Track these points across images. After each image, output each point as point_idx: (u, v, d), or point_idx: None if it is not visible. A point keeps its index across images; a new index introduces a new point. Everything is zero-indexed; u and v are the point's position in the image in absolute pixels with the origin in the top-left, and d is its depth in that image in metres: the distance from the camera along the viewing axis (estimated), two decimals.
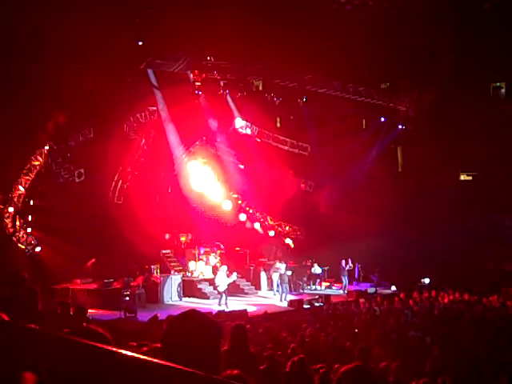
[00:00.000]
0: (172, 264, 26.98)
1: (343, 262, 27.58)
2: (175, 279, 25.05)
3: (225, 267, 24.06)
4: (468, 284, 24.29)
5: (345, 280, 27.64)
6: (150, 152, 27.60)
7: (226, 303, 22.60)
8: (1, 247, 24.05)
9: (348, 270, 27.83)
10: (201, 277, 22.89)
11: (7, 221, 25.26)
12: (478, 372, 9.68)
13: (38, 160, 25.86)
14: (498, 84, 29.17)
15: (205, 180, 28.95)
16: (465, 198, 27.01)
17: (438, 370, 9.23)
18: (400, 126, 29.08)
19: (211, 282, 25.64)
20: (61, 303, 10.53)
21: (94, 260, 25.97)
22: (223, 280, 23.15)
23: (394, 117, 29.07)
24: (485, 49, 25.42)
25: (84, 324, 8.01)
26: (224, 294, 22.90)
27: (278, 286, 25.77)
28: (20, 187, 25.55)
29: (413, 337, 14.31)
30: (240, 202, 30.57)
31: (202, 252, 27.88)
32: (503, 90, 29.17)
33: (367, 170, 28.97)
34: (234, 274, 23.70)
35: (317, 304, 23.65)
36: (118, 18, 21.48)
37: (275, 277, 25.90)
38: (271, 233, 31.28)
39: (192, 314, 2.47)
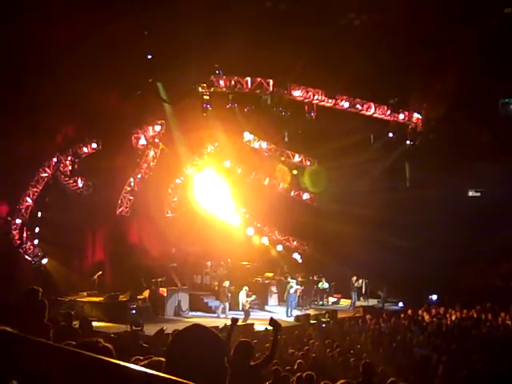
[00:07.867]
0: (179, 277, 26.91)
1: (354, 278, 27.61)
2: (182, 293, 24.99)
3: (230, 284, 24.14)
4: (476, 301, 24.13)
5: (354, 297, 27.67)
6: (159, 165, 27.65)
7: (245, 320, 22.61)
8: (8, 259, 24.08)
9: (357, 287, 27.87)
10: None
11: (14, 232, 25.32)
12: None
13: (46, 172, 25.94)
14: (507, 100, 29.10)
15: (213, 193, 28.94)
16: (473, 214, 26.87)
17: None
18: (408, 142, 29.00)
19: (218, 296, 25.63)
20: (63, 314, 10.47)
21: (100, 272, 25.98)
22: (245, 299, 23.21)
23: (402, 132, 29.00)
24: (494, 65, 25.39)
25: (88, 337, 7.98)
26: (246, 312, 22.97)
27: (290, 301, 25.58)
28: (28, 199, 25.63)
29: (419, 354, 14.22)
30: (248, 215, 30.55)
31: (209, 265, 27.86)
32: None
33: (375, 184, 28.88)
34: (244, 291, 23.67)
35: (323, 319, 23.53)
36: (128, 31, 21.59)
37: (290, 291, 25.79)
38: (279, 247, 31.23)
39: (197, 328, 2.46)
